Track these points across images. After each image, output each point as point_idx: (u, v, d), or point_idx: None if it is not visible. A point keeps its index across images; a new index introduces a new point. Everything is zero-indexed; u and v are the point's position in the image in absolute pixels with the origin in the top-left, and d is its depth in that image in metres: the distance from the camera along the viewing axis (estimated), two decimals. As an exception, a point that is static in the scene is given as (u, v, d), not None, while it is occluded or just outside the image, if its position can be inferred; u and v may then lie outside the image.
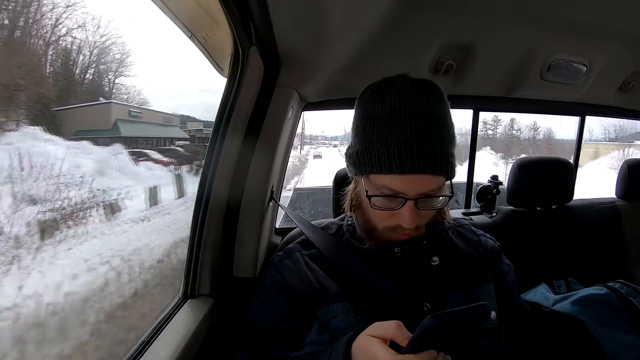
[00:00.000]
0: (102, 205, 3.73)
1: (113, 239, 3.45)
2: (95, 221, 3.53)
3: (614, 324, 0.96)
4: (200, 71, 7.29)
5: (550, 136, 15.02)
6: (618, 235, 1.50)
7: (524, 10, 1.02)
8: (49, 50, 5.29)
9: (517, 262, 0.88)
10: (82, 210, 3.46)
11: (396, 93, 0.65)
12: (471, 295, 0.73)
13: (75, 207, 3.41)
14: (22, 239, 2.77)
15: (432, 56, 1.20)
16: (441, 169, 0.63)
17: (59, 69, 5.54)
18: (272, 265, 0.81)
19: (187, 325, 0.82)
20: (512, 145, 15.54)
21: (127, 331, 2.24)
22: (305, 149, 15.14)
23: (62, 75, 5.51)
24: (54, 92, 4.92)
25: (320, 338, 0.69)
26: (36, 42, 4.96)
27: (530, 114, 2.79)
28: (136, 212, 4.14)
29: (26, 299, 2.20)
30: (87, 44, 6.21)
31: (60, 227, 3.13)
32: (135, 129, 6.07)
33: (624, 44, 1.22)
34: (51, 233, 2.98)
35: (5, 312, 2.07)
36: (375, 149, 0.65)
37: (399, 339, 0.51)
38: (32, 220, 2.93)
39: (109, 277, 2.74)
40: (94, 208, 3.62)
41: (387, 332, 0.52)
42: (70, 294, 2.38)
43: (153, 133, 6.56)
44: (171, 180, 5.45)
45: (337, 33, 0.93)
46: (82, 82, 5.89)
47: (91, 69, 6.25)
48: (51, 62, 5.38)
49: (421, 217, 0.69)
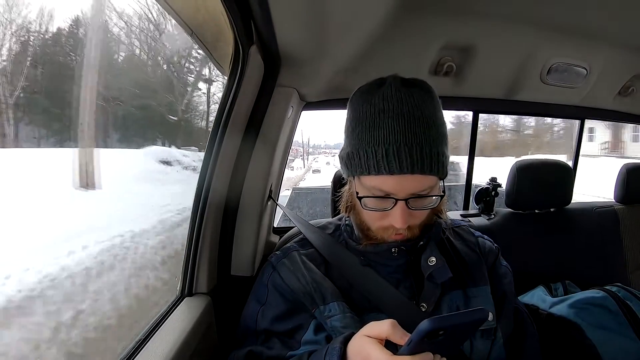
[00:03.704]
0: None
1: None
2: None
3: (611, 328, 0.96)
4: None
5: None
6: (616, 238, 1.50)
7: (525, 13, 1.03)
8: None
9: (514, 265, 0.88)
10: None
11: (384, 94, 0.66)
12: (468, 296, 0.74)
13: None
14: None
15: (432, 57, 1.21)
16: (431, 169, 0.63)
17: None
18: (270, 265, 0.81)
19: (184, 323, 0.82)
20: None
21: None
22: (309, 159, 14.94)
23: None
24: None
25: (317, 337, 0.69)
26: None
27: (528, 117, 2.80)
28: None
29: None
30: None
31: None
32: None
33: (624, 47, 1.23)
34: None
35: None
36: (363, 150, 0.65)
37: (394, 338, 0.51)
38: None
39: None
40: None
41: (381, 332, 0.52)
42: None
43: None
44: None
45: (338, 33, 0.93)
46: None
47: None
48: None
49: (414, 217, 0.69)
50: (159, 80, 8.61)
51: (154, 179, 6.17)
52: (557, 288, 1.21)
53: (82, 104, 5.13)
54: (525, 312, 0.85)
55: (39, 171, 4.88)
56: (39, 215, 3.85)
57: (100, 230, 3.69)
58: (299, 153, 15.15)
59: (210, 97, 9.51)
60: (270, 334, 0.73)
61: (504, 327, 0.75)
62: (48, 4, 6.79)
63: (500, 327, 0.74)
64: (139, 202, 5.01)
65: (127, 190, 5.29)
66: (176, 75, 8.85)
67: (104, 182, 5.13)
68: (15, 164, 5.18)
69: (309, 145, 15.63)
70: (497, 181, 1.52)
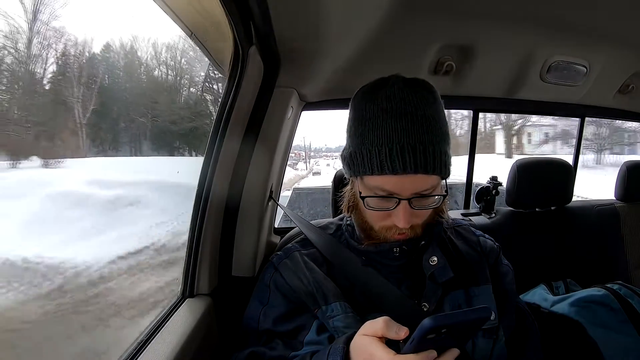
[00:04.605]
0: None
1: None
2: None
3: (612, 326, 0.96)
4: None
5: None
6: (617, 236, 1.50)
7: (525, 12, 1.02)
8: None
9: (515, 263, 0.88)
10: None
11: (387, 94, 0.66)
12: (470, 296, 0.73)
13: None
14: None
15: (431, 57, 1.20)
16: (434, 168, 0.64)
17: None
18: (271, 265, 0.81)
19: (185, 324, 0.82)
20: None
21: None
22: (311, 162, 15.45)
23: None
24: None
25: (319, 338, 0.69)
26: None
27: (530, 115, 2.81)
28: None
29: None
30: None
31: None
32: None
33: (623, 45, 1.22)
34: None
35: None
36: (367, 150, 0.65)
37: (389, 335, 0.51)
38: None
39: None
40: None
41: (376, 330, 0.52)
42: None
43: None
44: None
45: (337, 33, 0.93)
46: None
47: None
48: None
49: (416, 216, 0.69)
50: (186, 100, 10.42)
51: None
52: (559, 286, 1.21)
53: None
54: (527, 310, 0.85)
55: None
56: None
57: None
58: (301, 157, 15.84)
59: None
60: (272, 335, 0.73)
61: (505, 326, 0.75)
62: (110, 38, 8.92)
63: (502, 325, 0.74)
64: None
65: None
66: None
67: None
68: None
69: (311, 149, 16.15)
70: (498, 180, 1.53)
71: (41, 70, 7.51)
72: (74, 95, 8.07)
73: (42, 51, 7.46)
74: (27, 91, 7.28)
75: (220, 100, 0.93)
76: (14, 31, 6.78)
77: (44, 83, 7.75)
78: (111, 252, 3.54)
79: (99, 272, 3.30)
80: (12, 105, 6.98)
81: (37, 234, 3.76)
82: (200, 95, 9.83)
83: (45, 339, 2.40)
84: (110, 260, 3.45)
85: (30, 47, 7.22)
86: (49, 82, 7.85)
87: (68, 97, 7.99)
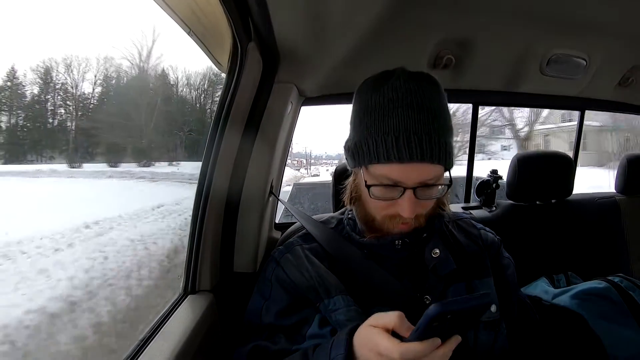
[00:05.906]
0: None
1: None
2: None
3: (613, 318, 0.96)
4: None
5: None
6: (618, 229, 1.50)
7: (523, 5, 1.02)
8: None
9: (517, 256, 0.88)
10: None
11: (393, 85, 0.66)
12: (472, 288, 0.74)
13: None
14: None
15: (431, 51, 1.20)
16: (439, 158, 0.64)
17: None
18: (273, 259, 0.81)
19: (187, 320, 0.82)
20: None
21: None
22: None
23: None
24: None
25: (322, 331, 0.69)
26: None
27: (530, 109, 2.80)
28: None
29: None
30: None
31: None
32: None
33: (623, 38, 1.22)
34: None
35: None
36: (373, 139, 0.65)
37: (400, 330, 0.51)
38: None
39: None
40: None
41: (389, 322, 0.52)
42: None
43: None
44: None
45: (336, 28, 0.93)
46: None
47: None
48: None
49: (421, 206, 0.69)
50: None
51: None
52: (560, 279, 1.21)
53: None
54: (528, 303, 0.86)
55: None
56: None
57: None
58: (302, 164, 16.74)
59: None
60: (274, 329, 0.73)
61: (507, 319, 0.75)
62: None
63: (504, 318, 0.74)
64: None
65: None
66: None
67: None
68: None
69: (311, 156, 16.96)
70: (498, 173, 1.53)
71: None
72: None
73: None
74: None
75: (219, 96, 0.93)
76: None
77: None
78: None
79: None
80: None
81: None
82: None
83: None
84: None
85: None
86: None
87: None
